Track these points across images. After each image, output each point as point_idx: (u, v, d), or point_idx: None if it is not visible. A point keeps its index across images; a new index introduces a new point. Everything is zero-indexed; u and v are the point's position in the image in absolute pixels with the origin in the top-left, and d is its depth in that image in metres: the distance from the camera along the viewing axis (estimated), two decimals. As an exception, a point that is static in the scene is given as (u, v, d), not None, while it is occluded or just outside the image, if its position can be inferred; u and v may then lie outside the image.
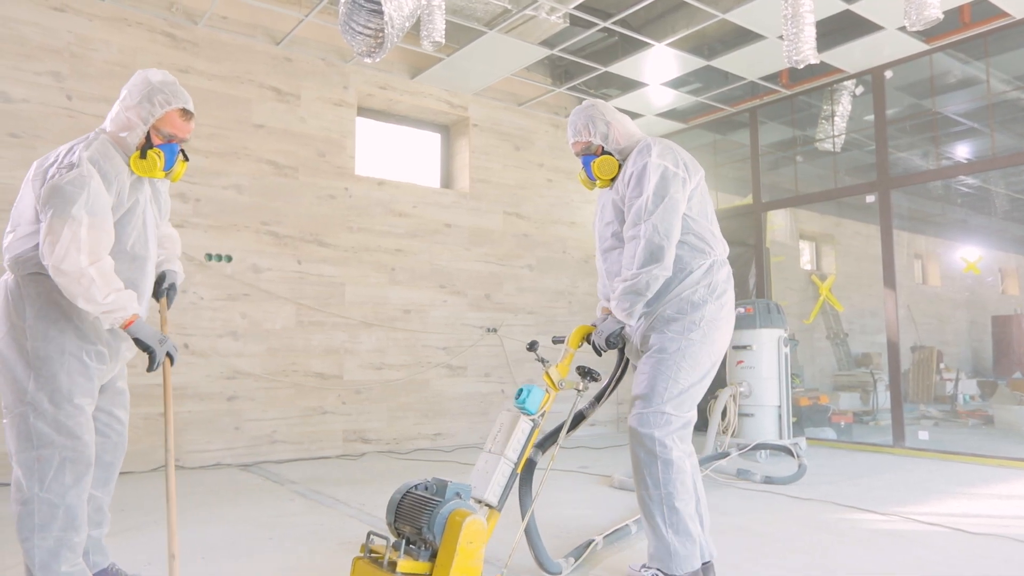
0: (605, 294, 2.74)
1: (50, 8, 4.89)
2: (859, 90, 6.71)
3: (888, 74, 6.19)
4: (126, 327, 2.26)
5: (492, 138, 7.08)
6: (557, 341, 2.67)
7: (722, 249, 2.62)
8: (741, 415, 5.79)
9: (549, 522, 3.56)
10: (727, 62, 6.16)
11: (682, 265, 2.51)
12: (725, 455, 5.04)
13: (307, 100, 5.95)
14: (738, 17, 5.32)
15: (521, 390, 2.42)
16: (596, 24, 5.54)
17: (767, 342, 5.81)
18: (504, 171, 7.13)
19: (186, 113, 2.42)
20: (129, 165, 2.36)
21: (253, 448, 5.46)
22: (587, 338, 2.60)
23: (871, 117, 6.52)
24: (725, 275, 2.59)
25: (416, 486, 2.24)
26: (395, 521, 2.21)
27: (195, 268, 5.30)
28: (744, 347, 5.87)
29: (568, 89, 6.93)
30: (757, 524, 3.51)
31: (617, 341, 2.54)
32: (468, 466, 2.68)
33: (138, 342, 2.29)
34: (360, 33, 4.09)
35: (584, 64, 6.38)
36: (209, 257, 5.38)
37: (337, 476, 4.93)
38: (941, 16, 3.80)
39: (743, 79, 6.57)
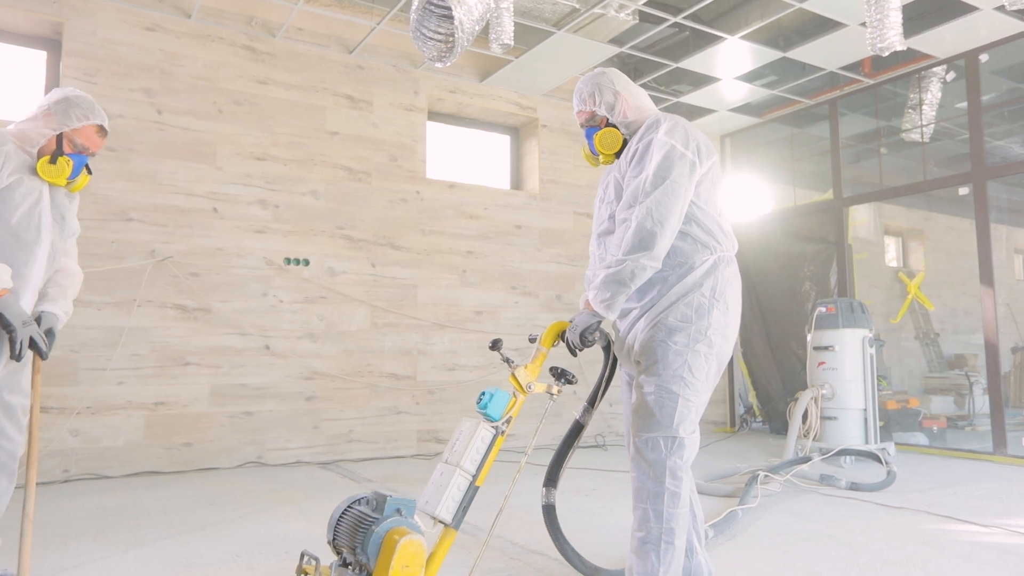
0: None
1: (143, 28, 5.17)
2: (950, 76, 6.33)
3: (983, 57, 5.82)
4: None
5: (562, 138, 7.05)
6: (534, 340, 2.41)
7: (730, 245, 2.34)
8: (823, 418, 5.56)
9: (618, 527, 3.50)
10: (804, 53, 5.93)
11: (683, 259, 2.25)
12: (807, 460, 4.85)
13: (379, 106, 6.08)
14: (816, 6, 5.12)
15: (483, 394, 2.13)
16: (666, 20, 5.44)
17: (850, 343, 5.57)
18: (574, 171, 7.08)
19: (102, 130, 2.51)
20: (36, 166, 2.40)
21: (331, 447, 5.61)
22: (562, 336, 2.33)
23: (964, 104, 6.14)
24: (730, 274, 2.32)
25: (358, 500, 2.05)
26: (333, 540, 2.01)
27: (275, 272, 5.50)
28: (826, 348, 5.64)
29: (639, 87, 6.83)
30: (846, 533, 3.36)
31: (594, 339, 2.25)
32: (539, 467, 2.65)
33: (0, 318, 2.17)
34: (431, 38, 4.13)
35: (654, 61, 6.27)
36: (288, 261, 5.56)
37: (412, 475, 5.01)
38: (1045, -8, 3.53)
39: (822, 70, 6.31)
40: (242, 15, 5.53)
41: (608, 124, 2.42)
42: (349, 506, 2.04)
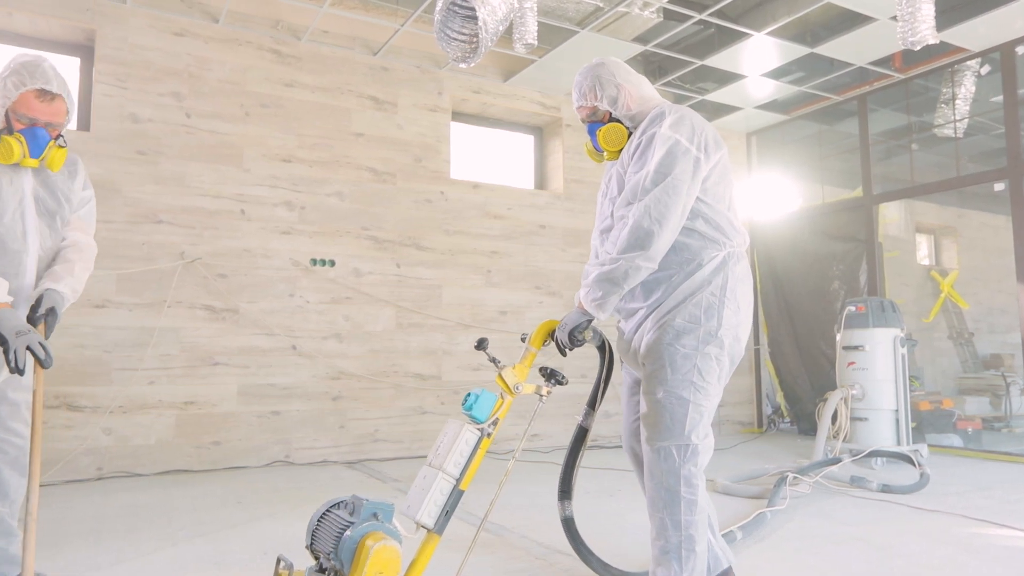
0: None
1: (172, 34, 5.26)
2: (985, 69, 6.18)
3: (1020, 50, 5.68)
4: None
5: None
6: (525, 339, 2.33)
7: (740, 240, 2.26)
8: (853, 419, 5.47)
9: (644, 527, 3.47)
10: (833, 48, 5.84)
11: (690, 255, 2.16)
12: (837, 461, 4.78)
13: (403, 107, 6.11)
14: (844, 0, 5.03)
15: (468, 395, 2.08)
16: (691, 17, 5.38)
17: (881, 342, 5.47)
18: (598, 170, 7.05)
19: (44, 94, 2.14)
20: None
21: (357, 446, 5.65)
22: (552, 335, 2.26)
23: (1000, 98, 6.00)
24: (740, 271, 2.23)
25: (336, 504, 2.00)
26: (311, 544, 1.96)
27: (301, 273, 5.55)
28: (856, 347, 5.54)
29: (663, 85, 6.78)
30: (877, 536, 3.29)
31: (584, 338, 2.18)
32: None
33: None
34: (454, 39, 4.14)
35: (679, 59, 6.22)
36: (314, 262, 5.61)
37: (437, 475, 5.02)
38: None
39: (851, 65, 6.20)
40: (268, 19, 5.59)
41: (611, 118, 2.33)
42: (327, 510, 1.98)
